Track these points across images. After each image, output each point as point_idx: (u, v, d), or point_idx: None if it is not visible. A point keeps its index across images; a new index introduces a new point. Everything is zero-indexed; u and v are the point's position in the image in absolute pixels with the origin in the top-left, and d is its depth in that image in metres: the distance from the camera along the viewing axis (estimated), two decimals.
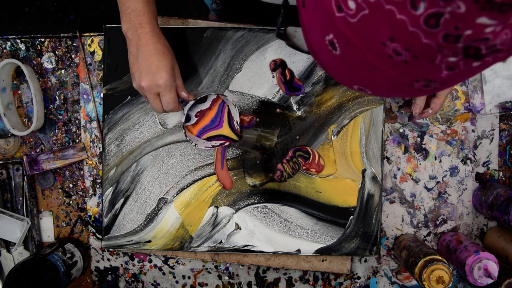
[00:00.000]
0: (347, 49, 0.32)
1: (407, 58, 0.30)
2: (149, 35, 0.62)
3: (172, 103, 0.64)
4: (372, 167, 0.78)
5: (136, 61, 0.63)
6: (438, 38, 0.27)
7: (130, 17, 0.62)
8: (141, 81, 0.63)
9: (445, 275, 0.69)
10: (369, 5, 0.28)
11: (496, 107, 0.80)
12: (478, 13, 0.25)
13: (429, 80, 0.32)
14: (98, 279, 0.84)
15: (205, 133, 0.73)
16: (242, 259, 0.82)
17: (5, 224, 0.79)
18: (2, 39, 0.82)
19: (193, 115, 0.72)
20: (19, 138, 0.82)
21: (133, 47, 0.63)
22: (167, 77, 0.62)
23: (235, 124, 0.73)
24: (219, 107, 0.73)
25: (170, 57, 0.63)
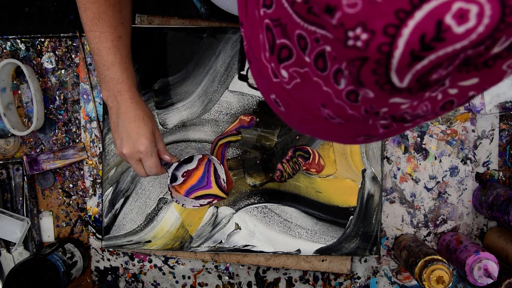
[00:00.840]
0: (289, 109, 0.33)
1: (341, 121, 0.31)
2: (128, 102, 0.62)
3: (154, 167, 0.64)
4: (372, 167, 0.78)
5: (117, 128, 0.64)
6: (361, 111, 0.28)
7: (109, 85, 0.62)
8: (122, 148, 0.63)
9: (445, 275, 0.69)
10: (299, 75, 0.30)
11: (496, 107, 0.80)
12: (388, 97, 0.25)
13: (370, 135, 0.33)
14: (98, 279, 0.84)
15: (193, 192, 0.74)
16: (242, 259, 0.82)
17: (5, 224, 0.79)
18: (2, 39, 0.82)
19: (179, 175, 0.73)
20: (19, 138, 0.82)
21: (114, 114, 0.64)
22: (148, 143, 0.62)
23: (221, 182, 0.75)
24: (205, 166, 0.74)
25: (150, 123, 0.64)
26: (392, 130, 0.32)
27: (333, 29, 0.23)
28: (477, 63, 0.25)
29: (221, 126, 0.78)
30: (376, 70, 0.23)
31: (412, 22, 0.21)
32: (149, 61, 0.77)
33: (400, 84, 0.24)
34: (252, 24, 0.33)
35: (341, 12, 0.22)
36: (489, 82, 0.26)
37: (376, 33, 0.22)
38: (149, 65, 0.78)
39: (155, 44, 0.77)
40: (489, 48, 0.23)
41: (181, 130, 0.78)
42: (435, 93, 0.26)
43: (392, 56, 0.22)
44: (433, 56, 0.22)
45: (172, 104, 0.78)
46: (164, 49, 0.77)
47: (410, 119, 0.29)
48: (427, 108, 0.27)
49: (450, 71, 0.24)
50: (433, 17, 0.21)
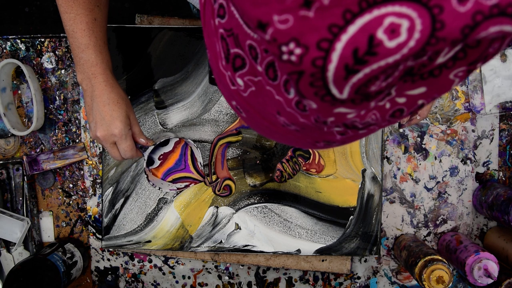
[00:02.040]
0: (249, 114, 0.34)
1: (297, 128, 0.31)
2: (102, 85, 0.62)
3: (129, 151, 0.64)
4: (372, 167, 0.78)
5: (91, 112, 0.64)
6: (311, 120, 0.29)
7: (84, 67, 0.62)
8: (97, 131, 0.63)
9: (445, 275, 0.69)
10: (254, 84, 0.30)
11: (496, 107, 0.80)
12: (332, 107, 0.26)
13: (329, 141, 0.33)
14: (98, 279, 0.84)
15: (170, 175, 0.74)
16: (242, 259, 0.82)
17: (5, 224, 0.79)
18: (2, 39, 0.82)
19: (156, 158, 0.73)
20: (19, 138, 0.82)
21: (88, 97, 0.64)
22: (122, 126, 0.62)
23: (199, 166, 0.75)
24: (182, 149, 0.74)
25: (124, 106, 0.64)
26: (349, 137, 0.32)
27: (267, 44, 0.24)
28: (422, 73, 0.25)
29: (221, 126, 0.78)
30: (313, 82, 0.24)
31: (345, 36, 0.21)
32: (149, 61, 0.77)
33: (340, 96, 0.24)
34: (209, 33, 0.33)
35: (273, 28, 0.22)
36: (437, 91, 0.27)
37: (310, 47, 0.22)
38: (149, 65, 0.78)
39: (155, 44, 0.77)
40: (433, 59, 0.24)
41: (181, 130, 0.78)
42: (382, 102, 0.27)
43: (327, 70, 0.22)
44: (368, 69, 0.22)
45: (172, 104, 0.78)
46: (164, 49, 0.77)
47: (362, 127, 0.29)
48: (376, 117, 0.28)
49: (391, 82, 0.25)
50: (366, 32, 0.21)
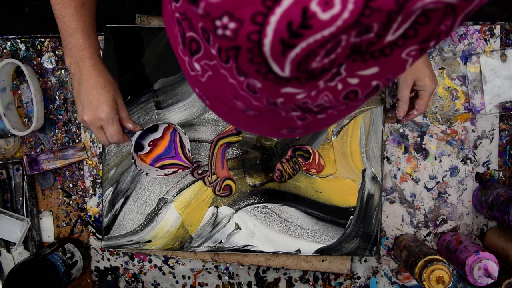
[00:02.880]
0: (211, 101, 0.34)
1: (255, 113, 0.31)
2: (90, 69, 0.62)
3: (116, 135, 0.65)
4: (372, 167, 0.78)
5: (79, 96, 0.64)
6: (263, 102, 0.28)
7: (72, 52, 0.62)
8: (83, 115, 0.63)
9: (445, 275, 0.69)
10: (210, 68, 0.30)
11: (496, 107, 0.80)
12: (277, 87, 0.25)
13: (291, 128, 0.33)
14: (98, 279, 0.84)
15: (159, 161, 0.75)
16: (242, 259, 0.82)
17: (5, 224, 0.79)
18: (2, 39, 0.82)
19: (146, 144, 0.73)
20: (19, 138, 0.82)
21: (76, 81, 0.64)
22: (108, 111, 0.63)
23: (187, 152, 0.75)
24: (171, 136, 0.74)
25: (111, 90, 0.64)
26: (310, 122, 0.32)
27: (201, 19, 0.23)
28: (372, 51, 0.25)
29: (221, 126, 0.78)
30: (252, 59, 0.23)
31: (279, 9, 0.21)
32: (149, 61, 0.77)
33: (283, 73, 0.24)
34: (167, 19, 0.33)
35: (205, 2, 0.22)
36: (391, 71, 0.26)
37: (244, 22, 0.22)
38: (149, 65, 0.77)
39: (155, 44, 0.77)
40: (381, 36, 0.23)
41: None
42: (333, 82, 0.26)
43: (263, 45, 0.22)
44: (304, 43, 0.22)
45: (172, 104, 0.78)
46: (164, 49, 0.77)
47: (318, 110, 0.29)
48: (329, 98, 0.27)
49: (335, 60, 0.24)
50: (299, 4, 0.21)
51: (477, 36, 0.80)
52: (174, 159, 0.75)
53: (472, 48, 0.80)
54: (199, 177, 0.79)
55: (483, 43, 0.80)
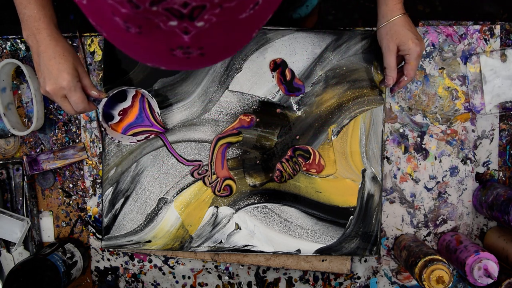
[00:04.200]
0: (101, 29, 0.33)
1: (136, 29, 0.31)
2: (47, 40, 0.62)
3: (80, 102, 0.65)
4: (372, 167, 0.78)
5: (39, 67, 0.64)
6: (128, 8, 0.28)
7: (28, 23, 0.62)
8: (46, 85, 0.63)
9: (445, 275, 0.69)
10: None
11: (496, 107, 0.80)
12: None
13: (183, 47, 0.32)
14: (98, 279, 0.84)
15: (130, 129, 0.76)
16: (242, 259, 0.82)
17: (5, 224, 0.79)
18: (2, 39, 0.82)
19: (116, 114, 0.74)
20: (19, 138, 0.82)
21: (35, 53, 0.64)
22: (69, 78, 0.63)
23: (157, 116, 0.76)
24: (140, 103, 0.75)
25: (71, 59, 0.64)
26: (198, 37, 0.31)
27: None
28: None
29: (221, 126, 0.78)
30: None
31: None
32: None
33: None
34: None
35: None
36: None
37: None
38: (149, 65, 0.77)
39: None
40: None
41: (181, 130, 0.78)
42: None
43: None
44: None
45: (172, 104, 0.78)
46: None
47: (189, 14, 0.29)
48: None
49: None
50: None
51: (477, 36, 0.80)
52: (146, 126, 0.76)
53: (472, 48, 0.80)
54: (199, 177, 0.79)
55: (483, 43, 0.80)
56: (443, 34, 0.80)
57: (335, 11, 1.56)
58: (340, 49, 0.78)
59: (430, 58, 0.80)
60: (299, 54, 0.77)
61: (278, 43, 0.77)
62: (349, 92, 0.78)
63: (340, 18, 1.56)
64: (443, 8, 1.53)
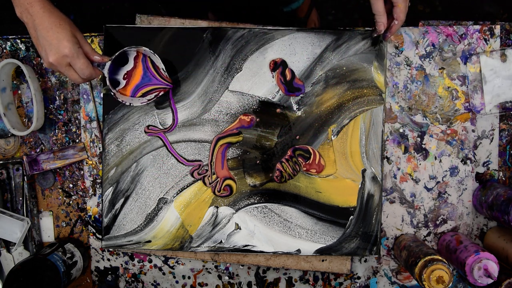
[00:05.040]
0: None
1: None
2: (41, 12, 0.63)
3: (86, 68, 0.65)
4: (372, 167, 0.78)
5: (38, 41, 0.64)
6: None
7: (19, 0, 0.63)
8: (48, 57, 0.63)
9: (445, 275, 0.69)
10: None
11: (496, 107, 0.80)
12: None
13: None
14: (98, 279, 0.84)
15: (139, 91, 0.75)
16: (242, 259, 0.82)
17: (5, 224, 0.79)
18: (2, 39, 0.82)
19: (121, 79, 0.74)
20: (19, 138, 0.82)
21: (31, 29, 0.64)
22: (70, 45, 0.63)
23: (162, 73, 0.75)
24: (143, 63, 0.74)
25: (68, 27, 0.64)
26: None
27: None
28: None
29: (221, 126, 0.78)
30: None
31: None
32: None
33: None
34: None
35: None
36: None
37: None
38: None
39: (155, 44, 0.77)
40: None
41: (181, 130, 0.78)
42: None
43: None
44: None
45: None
46: (164, 49, 0.77)
47: None
48: None
49: None
50: None
51: (477, 36, 0.80)
52: (153, 84, 0.75)
53: (472, 48, 0.80)
54: (199, 177, 0.79)
55: (483, 43, 0.80)
56: (443, 34, 0.80)
57: (335, 11, 1.56)
58: (340, 49, 0.78)
59: (430, 58, 0.80)
60: (299, 54, 0.78)
61: (278, 43, 0.77)
62: (349, 92, 0.78)
63: (340, 18, 1.56)
64: (443, 8, 1.53)
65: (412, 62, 0.80)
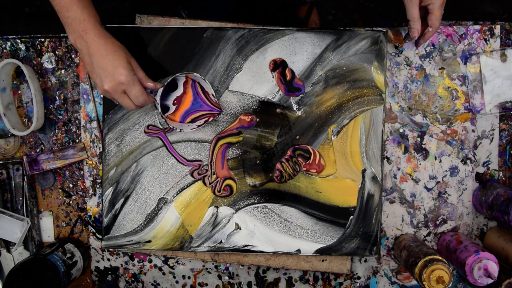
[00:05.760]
0: None
1: None
2: (96, 39, 0.62)
3: (140, 95, 0.64)
4: (372, 167, 0.78)
5: (93, 69, 0.63)
6: None
7: (73, 26, 0.62)
8: (104, 85, 0.63)
9: (445, 275, 0.69)
10: None
11: (496, 107, 0.80)
12: None
13: None
14: (98, 279, 0.84)
15: (188, 116, 0.75)
16: (242, 259, 0.82)
17: (5, 224, 0.79)
18: (2, 39, 0.82)
19: (170, 104, 0.73)
20: (19, 138, 0.82)
21: (85, 56, 0.64)
22: (126, 72, 0.63)
23: (212, 98, 0.75)
24: (192, 88, 0.74)
25: (123, 54, 0.64)
26: None
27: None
28: None
29: (221, 126, 0.78)
30: None
31: None
32: (149, 61, 0.77)
33: None
34: None
35: None
36: None
37: None
38: (149, 65, 0.77)
39: (155, 44, 0.77)
40: None
41: (181, 130, 0.78)
42: None
43: None
44: None
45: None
46: (164, 49, 0.77)
47: None
48: None
49: None
50: None
51: (477, 36, 0.80)
52: (203, 110, 0.75)
53: (472, 48, 0.80)
54: (199, 177, 0.79)
55: (483, 43, 0.80)
56: (443, 34, 0.80)
57: (335, 11, 1.56)
58: (340, 49, 0.78)
59: (430, 58, 0.80)
60: (299, 54, 0.78)
61: (278, 43, 0.77)
62: (349, 92, 0.78)
63: (340, 18, 1.56)
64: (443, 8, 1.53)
65: (412, 62, 0.80)
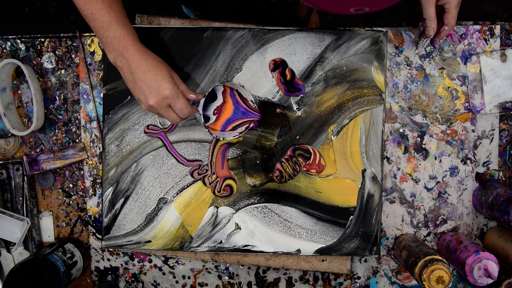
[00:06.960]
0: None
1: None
2: (136, 56, 0.63)
3: (185, 108, 0.65)
4: (372, 167, 0.78)
5: (135, 85, 0.63)
6: None
7: (113, 45, 0.62)
8: (148, 101, 0.63)
9: (445, 275, 0.69)
10: None
11: (496, 107, 0.80)
12: None
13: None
14: (98, 279, 0.84)
15: (229, 125, 0.75)
16: (242, 259, 0.82)
17: (5, 224, 0.79)
18: (2, 39, 0.82)
19: (211, 114, 0.73)
20: (19, 138, 0.82)
21: (127, 73, 0.64)
22: (171, 86, 0.63)
23: (251, 104, 0.75)
24: (231, 97, 0.74)
25: (165, 68, 0.64)
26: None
27: None
28: None
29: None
30: None
31: None
32: None
33: None
34: None
35: None
36: None
37: None
38: None
39: (155, 44, 0.77)
40: None
41: (182, 130, 0.79)
42: None
43: None
44: None
45: None
46: (164, 49, 0.77)
47: None
48: None
49: None
50: None
51: (477, 36, 0.80)
52: (243, 117, 0.75)
53: (472, 48, 0.80)
54: (199, 177, 0.79)
55: (483, 43, 0.80)
56: None
57: None
58: (340, 49, 0.78)
59: (430, 58, 0.80)
60: (299, 54, 0.78)
61: (278, 43, 0.77)
62: (349, 92, 0.78)
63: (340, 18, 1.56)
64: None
65: (412, 62, 0.80)
